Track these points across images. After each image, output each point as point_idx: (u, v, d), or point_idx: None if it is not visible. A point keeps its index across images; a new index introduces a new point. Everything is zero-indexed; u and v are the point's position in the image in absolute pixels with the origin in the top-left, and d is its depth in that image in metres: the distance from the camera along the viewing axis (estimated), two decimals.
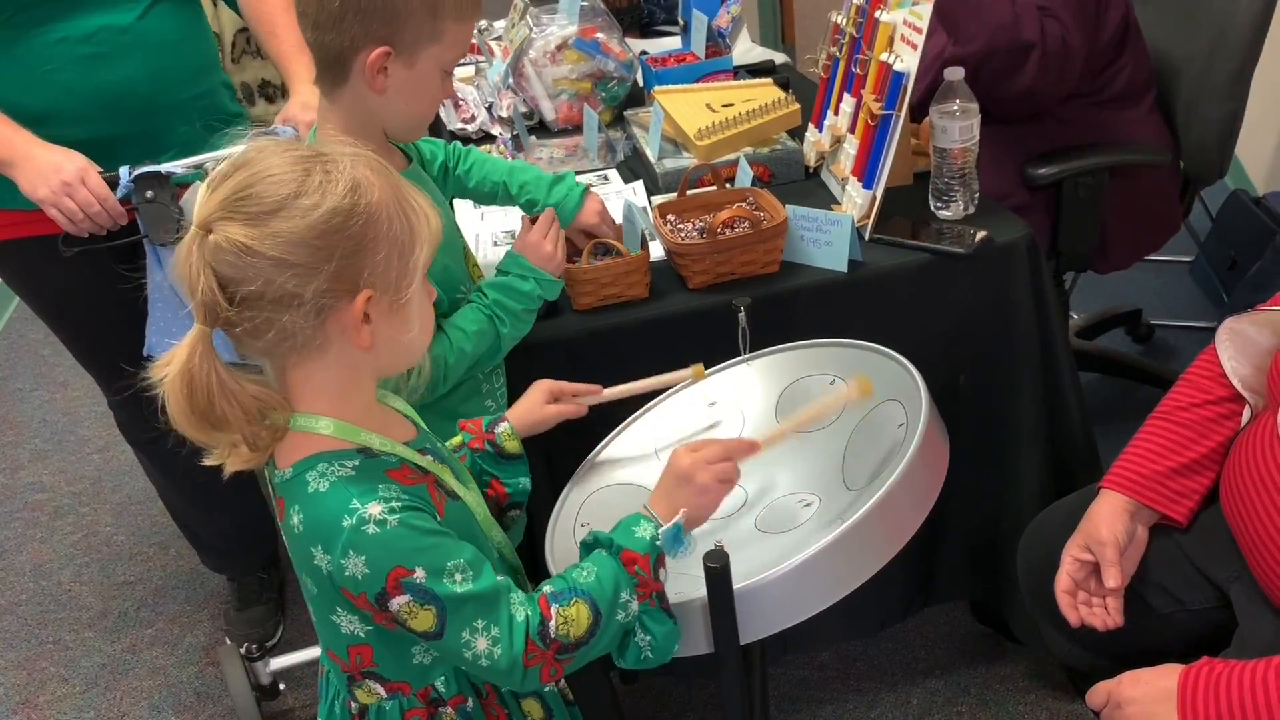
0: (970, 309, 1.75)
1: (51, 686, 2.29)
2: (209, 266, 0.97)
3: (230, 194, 0.98)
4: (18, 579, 2.60)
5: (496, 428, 1.30)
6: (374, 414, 1.11)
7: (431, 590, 1.02)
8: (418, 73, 1.33)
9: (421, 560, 1.02)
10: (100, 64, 1.78)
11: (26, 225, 1.78)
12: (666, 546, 1.10)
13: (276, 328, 0.99)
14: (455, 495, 1.13)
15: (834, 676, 2.07)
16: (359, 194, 0.99)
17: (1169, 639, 1.45)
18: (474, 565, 1.04)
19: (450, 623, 1.03)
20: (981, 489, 1.86)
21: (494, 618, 1.04)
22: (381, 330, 1.03)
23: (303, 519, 1.04)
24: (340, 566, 1.01)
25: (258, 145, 1.02)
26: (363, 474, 1.04)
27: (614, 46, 2.34)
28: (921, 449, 1.12)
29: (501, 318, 1.47)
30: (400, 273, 1.02)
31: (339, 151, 1.02)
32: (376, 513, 1.01)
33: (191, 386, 0.98)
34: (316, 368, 1.04)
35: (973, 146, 1.75)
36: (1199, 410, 1.44)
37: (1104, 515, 1.43)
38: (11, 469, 3.01)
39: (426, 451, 1.14)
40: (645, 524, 1.10)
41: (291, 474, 1.05)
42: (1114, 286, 3.07)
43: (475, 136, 2.42)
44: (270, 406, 1.03)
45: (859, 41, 1.84)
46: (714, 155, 1.98)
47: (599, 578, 1.07)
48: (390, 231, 1.01)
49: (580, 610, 1.05)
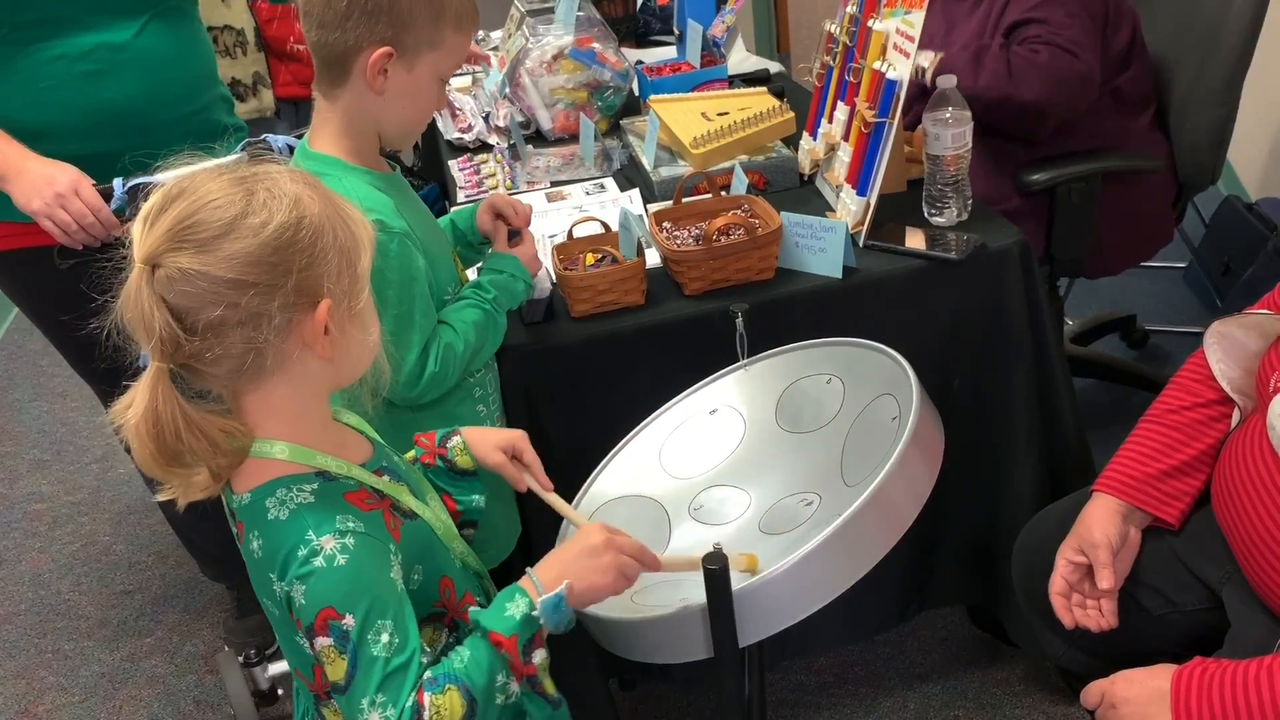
0: (964, 314, 1.77)
1: (51, 695, 2.29)
2: (161, 301, 0.96)
3: (173, 225, 0.97)
4: (17, 588, 2.61)
5: (449, 442, 1.28)
6: (330, 433, 1.11)
7: (354, 643, 1.00)
8: (416, 77, 1.36)
9: (354, 607, 1.00)
10: (97, 81, 1.80)
11: (23, 237, 1.79)
12: (546, 619, 1.05)
13: (240, 351, 0.99)
14: (413, 514, 1.13)
15: (831, 682, 2.08)
16: (302, 208, 1.00)
17: (1162, 640, 1.46)
18: (400, 630, 1.02)
19: (357, 684, 1.00)
20: (976, 494, 1.87)
21: (394, 696, 1.01)
22: (340, 339, 1.04)
23: (262, 545, 1.04)
24: (287, 594, 1.02)
25: (189, 175, 1.02)
26: (321, 500, 1.04)
27: (610, 56, 2.35)
28: (913, 439, 1.13)
29: (499, 311, 1.49)
30: (351, 280, 1.03)
31: (271, 170, 1.03)
32: (328, 546, 1.01)
33: (158, 427, 0.98)
34: (273, 389, 1.04)
35: (965, 154, 1.77)
36: (1189, 413, 1.46)
37: (1096, 518, 1.44)
38: (10, 479, 3.02)
39: (383, 471, 1.14)
40: (519, 599, 1.05)
41: (250, 499, 1.05)
42: (1108, 292, 3.09)
43: (472, 146, 2.44)
44: (235, 436, 1.02)
45: (852, 50, 1.86)
46: (709, 163, 2.00)
47: (472, 661, 1.04)
48: (336, 241, 1.02)
49: (453, 698, 1.01)
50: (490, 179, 2.26)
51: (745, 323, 1.53)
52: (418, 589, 1.12)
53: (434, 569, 1.15)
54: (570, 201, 2.09)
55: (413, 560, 1.12)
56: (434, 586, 1.15)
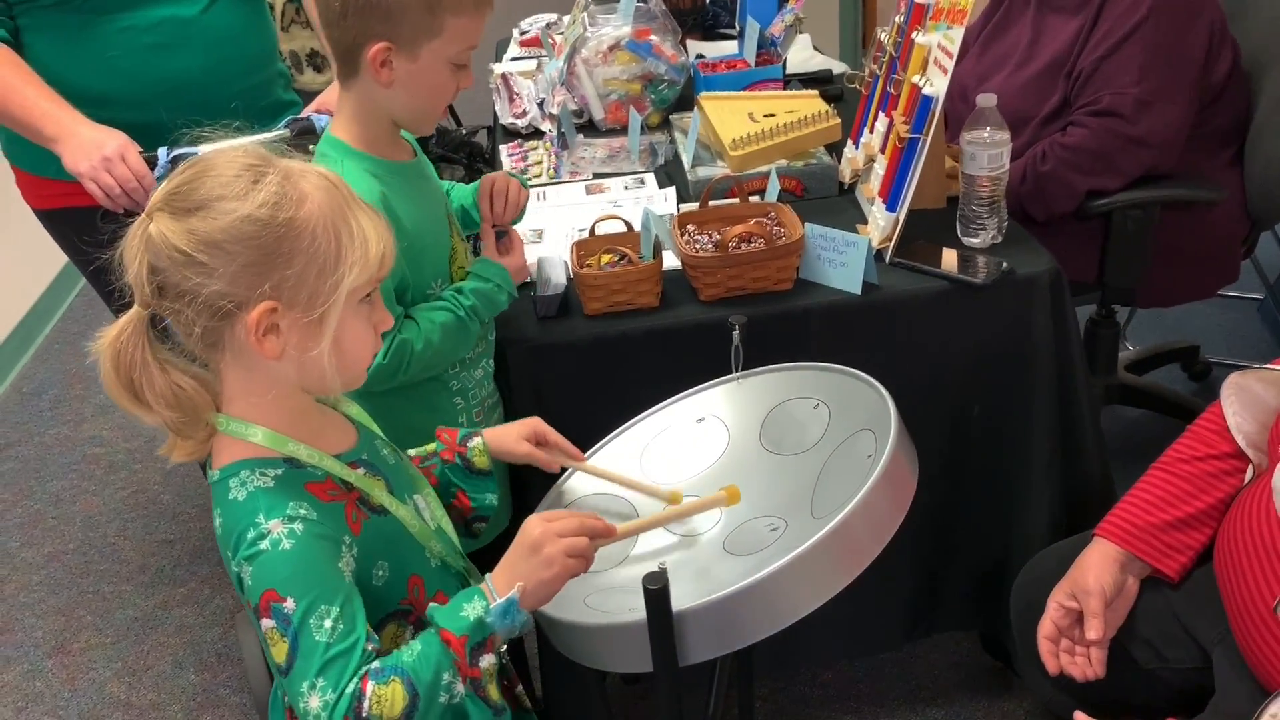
0: (988, 340, 1.73)
1: (86, 634, 2.39)
2: (144, 253, 1.02)
3: (175, 187, 1.03)
4: (68, 528, 2.72)
5: (469, 442, 1.31)
6: (311, 420, 1.13)
7: (294, 626, 1.01)
8: (421, 66, 1.38)
9: (296, 592, 1.02)
10: (161, 54, 1.87)
11: (74, 196, 1.86)
12: (497, 624, 1.05)
13: (200, 325, 1.03)
14: (383, 510, 1.14)
15: (834, 696, 2.06)
16: (281, 208, 1.02)
17: (1150, 695, 1.42)
18: (346, 620, 1.03)
19: (297, 667, 1.02)
20: (991, 521, 1.83)
21: (335, 681, 1.01)
22: (292, 344, 1.05)
23: (221, 523, 1.07)
24: (237, 573, 1.05)
25: (225, 148, 1.06)
26: (281, 486, 1.07)
27: (666, 49, 2.34)
28: (882, 479, 1.11)
29: (473, 319, 1.49)
30: (315, 291, 1.03)
31: (289, 165, 1.05)
32: (276, 531, 1.03)
33: (117, 360, 1.04)
34: (244, 371, 1.07)
35: (1002, 175, 1.72)
36: (1200, 464, 1.40)
37: (1093, 564, 1.41)
38: (76, 421, 3.15)
39: (361, 464, 1.15)
40: (476, 601, 1.06)
41: (219, 476, 1.08)
42: (1177, 320, 2.98)
43: (525, 131, 2.45)
44: (190, 397, 1.05)
45: (896, 61, 1.82)
46: (747, 166, 1.98)
47: (421, 656, 1.04)
48: (311, 248, 1.03)
49: (395, 690, 1.02)
50: (536, 166, 2.27)
51: (756, 333, 1.51)
52: (383, 585, 1.14)
53: (401, 566, 1.16)
54: (607, 195, 2.09)
55: (376, 555, 1.13)
56: (401, 584, 1.17)
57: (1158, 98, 2.02)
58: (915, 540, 1.84)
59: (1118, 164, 2.05)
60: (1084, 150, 2.04)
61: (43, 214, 2.05)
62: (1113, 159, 2.05)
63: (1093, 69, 2.05)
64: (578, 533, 1.10)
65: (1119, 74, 2.02)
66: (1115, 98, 2.02)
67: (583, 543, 1.10)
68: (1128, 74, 2.01)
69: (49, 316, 3.68)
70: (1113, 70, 2.03)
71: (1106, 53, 2.04)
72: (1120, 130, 2.02)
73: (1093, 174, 2.06)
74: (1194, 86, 2.06)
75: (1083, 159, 2.05)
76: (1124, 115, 2.01)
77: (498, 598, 1.06)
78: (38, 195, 2.02)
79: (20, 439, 3.09)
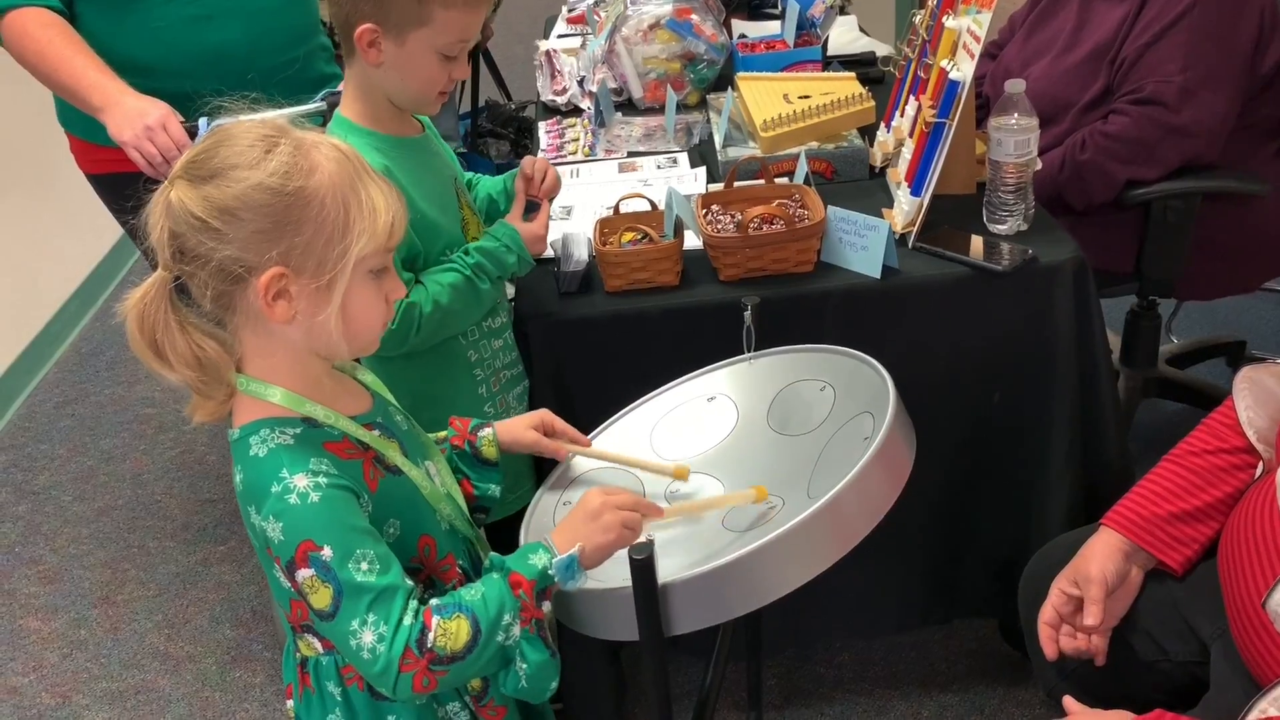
0: (1009, 328, 1.72)
1: (130, 587, 2.48)
2: (165, 217, 1.06)
3: (194, 156, 1.07)
4: (118, 485, 2.82)
5: (480, 432, 1.35)
6: (325, 384, 1.17)
7: (334, 571, 1.06)
8: (408, 52, 1.41)
9: (332, 540, 1.06)
10: (204, 25, 1.92)
11: (123, 162, 1.92)
12: (559, 577, 1.12)
13: (214, 289, 1.07)
14: (397, 470, 1.18)
15: (849, 677, 2.08)
16: (291, 177, 1.05)
17: (1149, 687, 1.41)
18: (382, 560, 1.08)
19: (344, 608, 1.06)
20: (1009, 509, 1.83)
21: (385, 615, 1.06)
22: (301, 309, 1.08)
23: (243, 479, 1.11)
24: (264, 528, 1.09)
25: (253, 119, 1.10)
26: (300, 443, 1.11)
27: (706, 29, 2.35)
28: (872, 463, 1.12)
29: (480, 277, 1.52)
30: (323, 258, 1.07)
31: (303, 136, 1.09)
32: (301, 485, 1.07)
33: (141, 320, 1.08)
34: (258, 334, 1.11)
35: (1029, 162, 1.71)
36: (1210, 457, 1.39)
37: (1096, 553, 1.40)
38: (130, 382, 3.25)
39: (375, 426, 1.19)
40: (541, 553, 1.13)
41: (239, 435, 1.12)
42: (1225, 313, 2.93)
43: (564, 109, 2.47)
44: (211, 358, 1.10)
45: (927, 44, 1.81)
46: (778, 147, 1.98)
47: (485, 597, 1.10)
48: (320, 216, 1.06)
49: (460, 625, 1.08)
50: (572, 143, 2.29)
51: (774, 315, 1.53)
52: (394, 543, 1.17)
53: (413, 525, 1.20)
54: (639, 174, 2.11)
55: (389, 514, 1.17)
56: (412, 542, 1.21)
57: (1202, 86, 1.98)
58: (933, 525, 1.84)
59: (1158, 153, 2.02)
60: (1124, 139, 2.01)
61: (94, 179, 2.12)
62: (1153, 148, 2.02)
63: (1137, 56, 2.02)
64: (632, 508, 1.17)
65: (1163, 61, 1.99)
66: (1158, 86, 1.99)
67: (636, 516, 1.17)
68: (1173, 61, 1.98)
69: (109, 280, 3.80)
70: (1157, 58, 2.00)
71: (1151, 39, 2.01)
72: (1162, 119, 1.99)
73: (1132, 163, 2.03)
74: (1241, 76, 2.02)
75: (1123, 148, 2.02)
76: (1166, 104, 1.98)
77: (558, 554, 1.12)
78: (89, 160, 2.10)
79: (77, 397, 3.20)
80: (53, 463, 2.93)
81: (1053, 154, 2.06)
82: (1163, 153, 2.02)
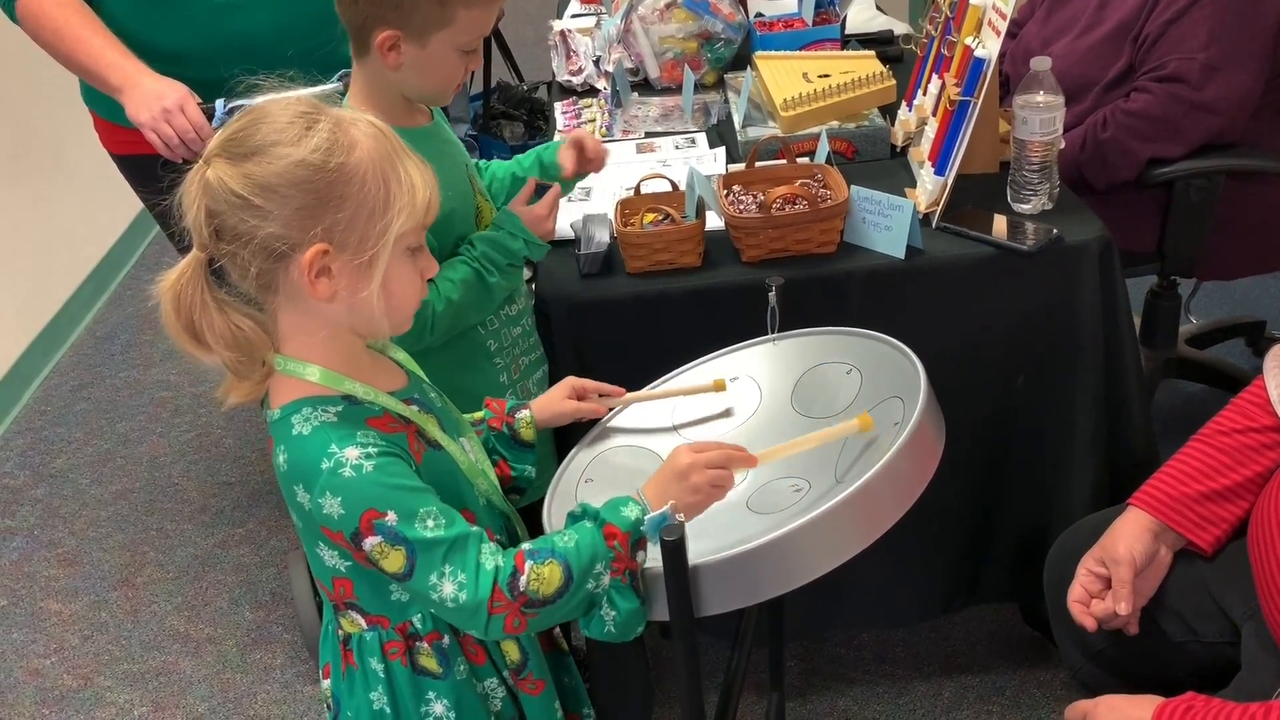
0: (1034, 308, 1.71)
1: (149, 570, 2.49)
2: (202, 198, 1.05)
3: (231, 134, 1.06)
4: (135, 468, 2.82)
5: (517, 414, 1.35)
6: (362, 362, 1.17)
7: (402, 533, 1.07)
8: (430, 53, 1.40)
9: (393, 504, 1.07)
10: (228, 14, 1.92)
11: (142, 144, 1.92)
12: (650, 532, 1.11)
13: (256, 267, 1.06)
14: (438, 445, 1.18)
15: (869, 659, 2.07)
16: (333, 154, 1.04)
17: (1180, 668, 1.41)
18: (445, 514, 1.10)
19: (420, 565, 1.08)
20: (1033, 492, 1.82)
21: (461, 563, 1.08)
22: (343, 286, 1.08)
23: (287, 459, 1.11)
24: (319, 505, 1.08)
25: (278, 98, 1.10)
26: (344, 420, 1.10)
27: (724, 8, 2.33)
28: (904, 449, 1.12)
29: (489, 269, 1.51)
30: (364, 235, 1.07)
31: (340, 113, 1.08)
32: (353, 457, 1.07)
33: (178, 302, 1.07)
34: (298, 313, 1.11)
35: (1054, 140, 1.69)
36: (1240, 436, 1.38)
37: (1125, 533, 1.40)
38: (145, 365, 3.25)
39: (413, 401, 1.19)
40: (633, 506, 1.12)
41: (279, 415, 1.12)
42: (1245, 293, 2.91)
43: (580, 89, 2.46)
44: (249, 338, 1.09)
45: (951, 21, 1.80)
46: (798, 127, 1.97)
47: (578, 545, 1.10)
48: (361, 193, 1.06)
49: (553, 570, 1.09)
50: (589, 124, 2.28)
51: (797, 296, 1.51)
52: None
53: (454, 499, 1.20)
54: (658, 154, 2.09)
55: (432, 487, 1.16)
56: None
57: (1226, 64, 1.96)
58: (956, 510, 1.83)
59: (1181, 131, 2.00)
60: (1147, 116, 2.00)
61: (118, 159, 2.12)
62: (1176, 125, 2.00)
63: (1160, 33, 2.00)
64: (721, 465, 1.16)
65: (1187, 38, 1.97)
66: (1181, 63, 1.97)
67: (726, 474, 1.17)
68: (1195, 38, 1.96)
69: (123, 263, 3.80)
70: (1180, 34, 1.98)
71: (1174, 16, 1.98)
72: (1185, 96, 1.97)
73: (1155, 141, 2.01)
74: (1266, 54, 2.00)
75: (1145, 125, 2.00)
76: (1189, 81, 1.96)
77: (650, 511, 1.12)
78: (113, 140, 2.09)
79: (93, 381, 3.21)
80: (70, 446, 2.93)
81: (1074, 133, 2.04)
82: (1186, 130, 2.00)
